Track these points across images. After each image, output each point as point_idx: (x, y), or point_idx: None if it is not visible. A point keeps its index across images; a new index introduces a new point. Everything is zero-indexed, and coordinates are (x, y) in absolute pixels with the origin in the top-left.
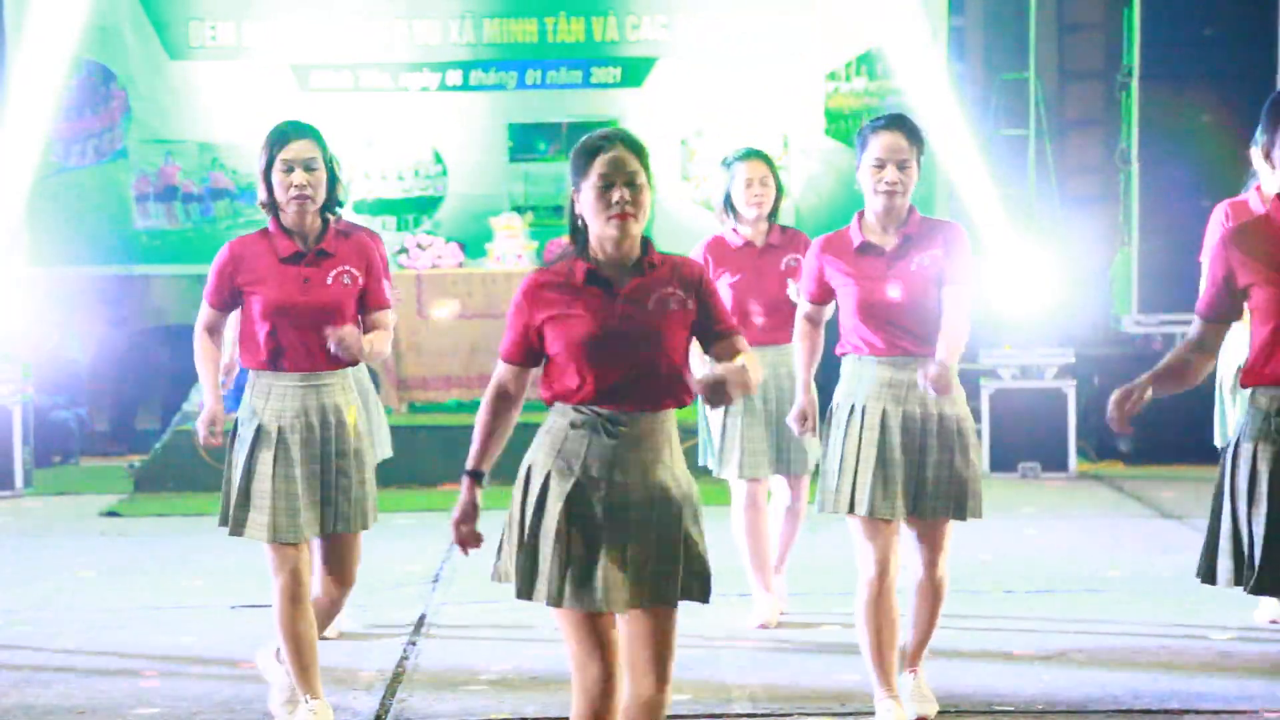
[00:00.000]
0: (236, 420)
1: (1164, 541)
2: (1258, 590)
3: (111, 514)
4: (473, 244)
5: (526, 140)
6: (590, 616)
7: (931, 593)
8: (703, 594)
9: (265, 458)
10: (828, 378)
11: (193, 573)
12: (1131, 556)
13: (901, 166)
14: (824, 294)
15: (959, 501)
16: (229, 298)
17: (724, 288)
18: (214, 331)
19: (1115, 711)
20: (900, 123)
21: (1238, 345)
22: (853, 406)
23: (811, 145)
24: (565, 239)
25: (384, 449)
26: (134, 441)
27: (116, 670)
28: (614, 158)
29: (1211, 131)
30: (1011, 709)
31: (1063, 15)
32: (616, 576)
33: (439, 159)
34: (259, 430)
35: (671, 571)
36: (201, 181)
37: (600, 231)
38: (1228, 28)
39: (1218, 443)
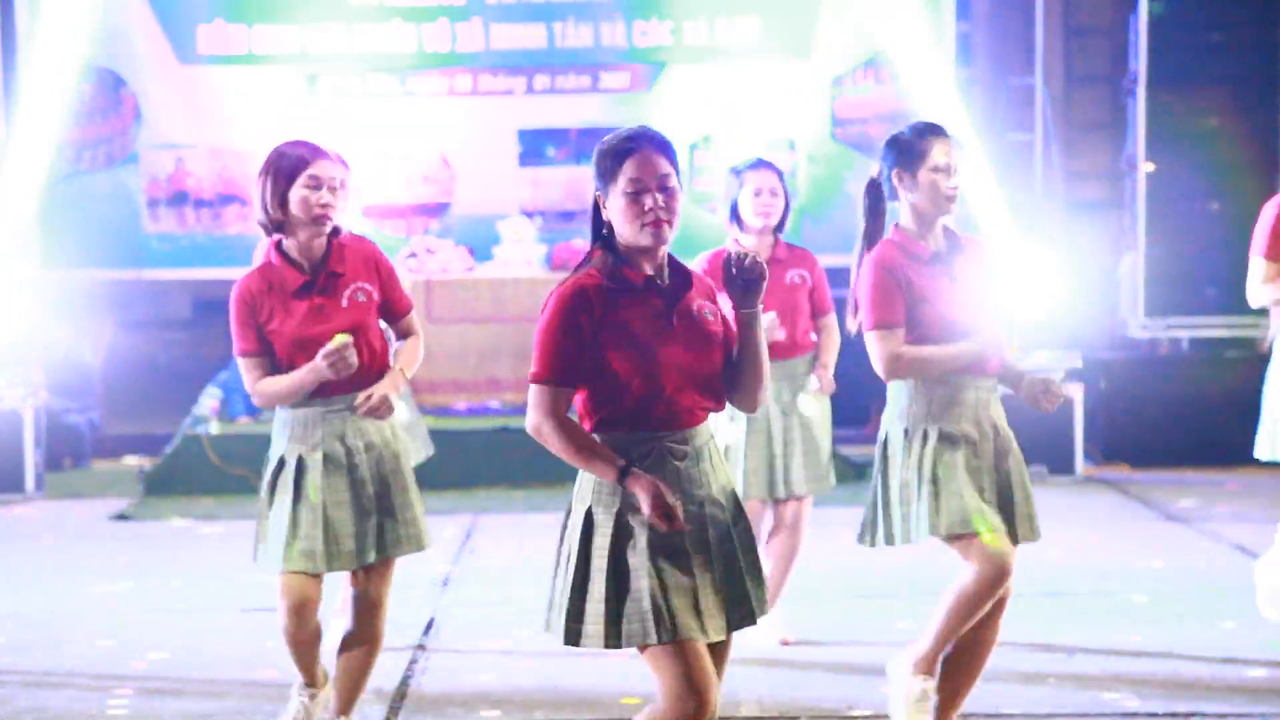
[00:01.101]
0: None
1: (1170, 545)
2: None
3: (122, 517)
4: (481, 248)
5: (535, 145)
6: (692, 647)
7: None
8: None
9: (284, 494)
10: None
11: (203, 576)
12: (1138, 560)
13: (957, 173)
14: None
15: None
16: (261, 338)
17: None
18: (268, 374)
19: (1121, 715)
20: (947, 129)
21: None
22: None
23: (818, 149)
24: (574, 243)
25: (426, 448)
26: (145, 445)
27: (127, 674)
28: (643, 160)
29: (1218, 136)
30: (1018, 713)
31: (1069, 20)
32: (711, 602)
33: (447, 163)
34: (280, 465)
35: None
36: (212, 186)
37: (633, 239)
38: (1234, 33)
39: (1263, 455)
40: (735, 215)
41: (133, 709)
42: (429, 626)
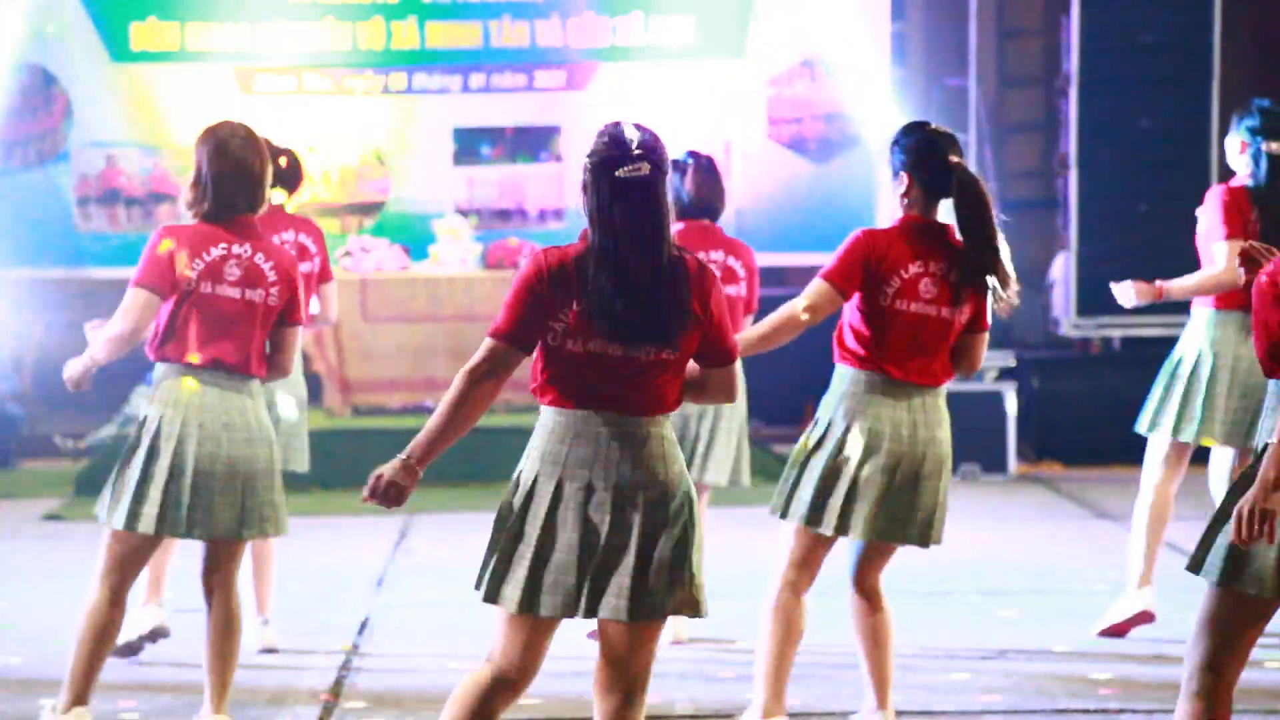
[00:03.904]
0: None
1: (1101, 542)
2: None
3: (53, 517)
4: (416, 247)
5: (470, 144)
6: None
7: None
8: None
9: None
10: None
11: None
12: (1069, 557)
13: None
14: None
15: None
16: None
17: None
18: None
19: (1054, 711)
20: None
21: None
22: None
23: (753, 149)
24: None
25: (299, 461)
26: (75, 445)
27: (59, 679)
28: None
29: (1149, 136)
30: (952, 710)
31: (1002, 21)
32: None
33: (382, 162)
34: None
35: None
36: (144, 185)
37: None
38: (1165, 34)
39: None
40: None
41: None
42: (363, 626)
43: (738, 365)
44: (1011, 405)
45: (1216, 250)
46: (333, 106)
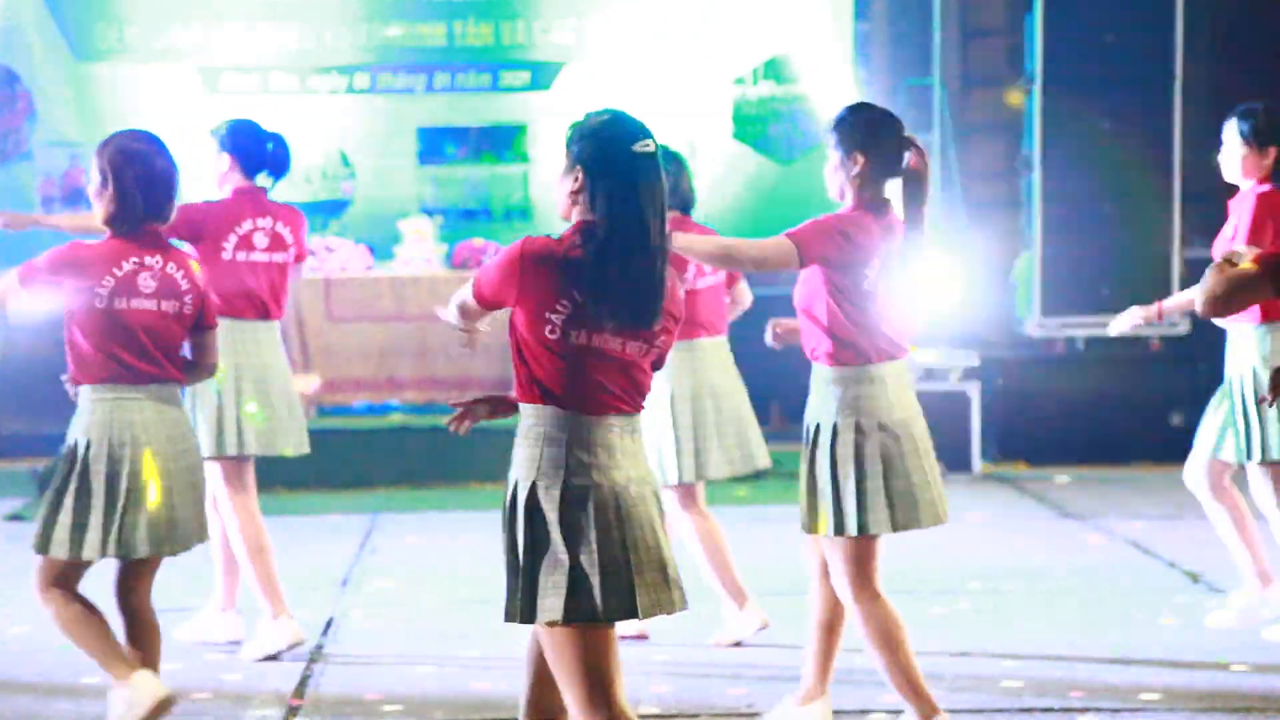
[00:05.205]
0: None
1: (1065, 541)
2: None
3: (15, 518)
4: (381, 247)
5: (435, 144)
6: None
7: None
8: None
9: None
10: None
11: (97, 573)
12: (1033, 556)
13: None
14: None
15: None
16: None
17: None
18: None
19: (1018, 710)
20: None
21: (1249, 347)
22: None
23: (718, 149)
24: (474, 242)
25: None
26: (39, 445)
27: (26, 684)
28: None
29: (1112, 137)
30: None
31: (967, 21)
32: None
33: (347, 162)
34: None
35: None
36: None
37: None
38: (1128, 34)
39: (1235, 458)
40: None
41: (35, 710)
42: (328, 627)
43: None
44: (976, 405)
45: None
46: (298, 106)
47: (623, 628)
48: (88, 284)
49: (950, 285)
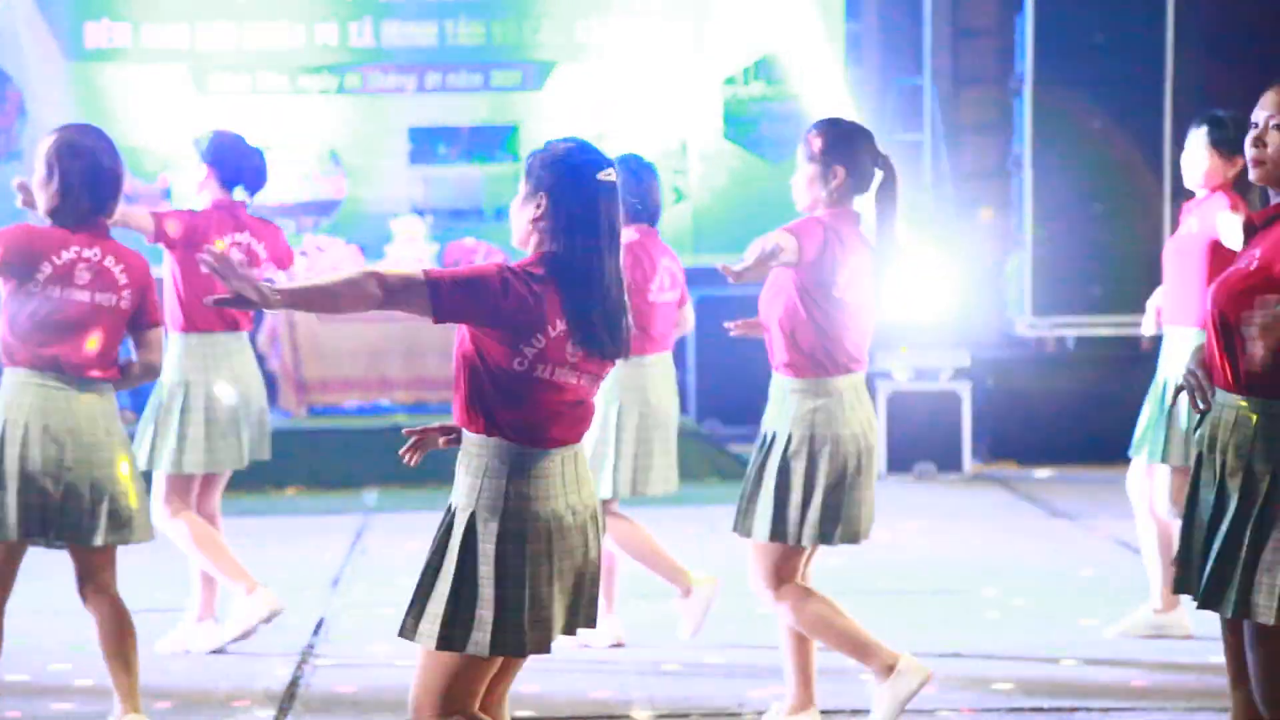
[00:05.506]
0: None
1: (1055, 541)
2: None
3: None
4: (373, 247)
5: (426, 143)
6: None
7: None
8: None
9: None
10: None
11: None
12: (1024, 555)
13: None
14: None
15: None
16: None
17: None
18: None
19: (1008, 710)
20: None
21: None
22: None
23: (710, 149)
24: (465, 242)
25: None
26: None
27: (26, 685)
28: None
29: (1103, 137)
30: (907, 708)
31: (957, 21)
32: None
33: (338, 161)
34: None
35: None
36: None
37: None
38: (1119, 35)
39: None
40: None
41: (35, 711)
42: (318, 627)
43: None
44: (967, 404)
45: None
46: (288, 106)
47: (597, 638)
48: (29, 268)
49: (941, 285)
